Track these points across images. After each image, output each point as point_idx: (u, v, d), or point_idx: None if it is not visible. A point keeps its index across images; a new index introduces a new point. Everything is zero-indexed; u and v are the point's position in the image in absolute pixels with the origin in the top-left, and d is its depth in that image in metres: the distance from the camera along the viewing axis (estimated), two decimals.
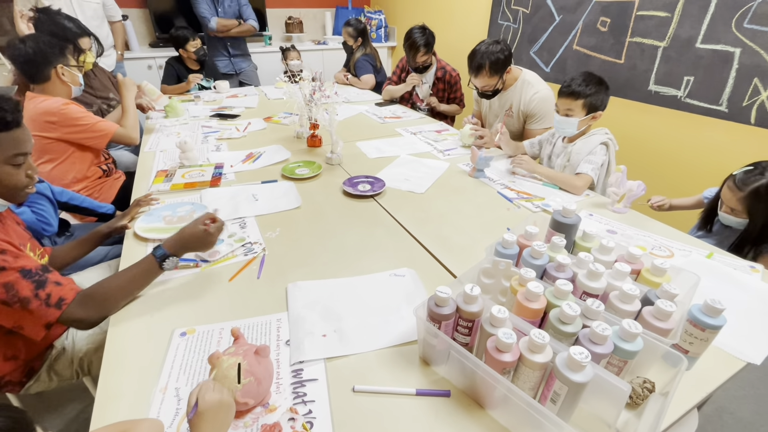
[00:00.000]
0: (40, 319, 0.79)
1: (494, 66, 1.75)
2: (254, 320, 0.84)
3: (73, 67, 1.58)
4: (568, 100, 1.45)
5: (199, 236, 0.91)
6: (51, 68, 1.50)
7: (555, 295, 0.70)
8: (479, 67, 1.77)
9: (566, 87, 1.45)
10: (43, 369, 0.98)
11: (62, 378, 1.00)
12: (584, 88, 1.41)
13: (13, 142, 0.81)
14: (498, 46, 1.75)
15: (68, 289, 0.81)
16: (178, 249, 0.90)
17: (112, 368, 0.73)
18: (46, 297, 0.77)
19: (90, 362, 1.01)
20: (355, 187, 1.41)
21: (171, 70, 2.83)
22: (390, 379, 0.72)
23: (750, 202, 1.19)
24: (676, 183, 2.12)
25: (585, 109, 1.44)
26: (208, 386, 0.58)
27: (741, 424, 1.48)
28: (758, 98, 1.74)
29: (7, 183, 0.83)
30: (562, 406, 0.58)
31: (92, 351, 1.01)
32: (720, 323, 0.68)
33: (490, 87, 1.83)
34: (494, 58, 1.74)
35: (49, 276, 0.80)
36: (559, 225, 0.93)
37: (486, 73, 1.77)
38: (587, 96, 1.41)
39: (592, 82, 1.42)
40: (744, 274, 1.01)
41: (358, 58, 3.00)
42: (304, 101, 1.74)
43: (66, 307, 0.79)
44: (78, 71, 1.61)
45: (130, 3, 3.56)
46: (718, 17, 1.80)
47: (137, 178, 1.52)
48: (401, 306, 0.88)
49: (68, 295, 0.80)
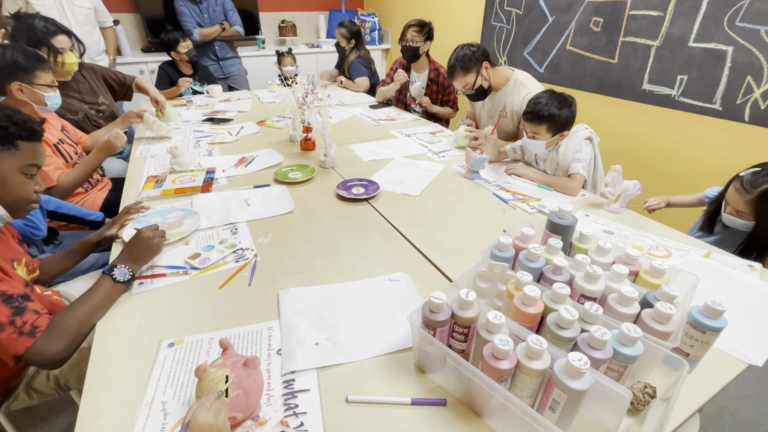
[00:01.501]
0: (9, 347, 0.74)
1: (465, 65, 1.78)
2: (245, 329, 0.82)
3: (41, 86, 1.44)
4: (532, 124, 1.48)
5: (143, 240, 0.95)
6: (6, 83, 1.38)
7: (552, 299, 0.68)
8: (452, 70, 1.82)
9: (529, 112, 1.48)
10: (21, 388, 0.95)
11: (43, 395, 0.97)
12: (547, 112, 1.42)
13: (32, 152, 0.85)
14: (466, 47, 1.79)
15: (44, 317, 0.78)
16: (126, 261, 0.91)
17: (96, 382, 0.70)
18: (22, 325, 0.74)
19: (66, 380, 0.98)
20: (349, 190, 1.39)
21: (164, 74, 2.81)
22: (385, 388, 0.70)
23: (759, 205, 1.17)
24: (671, 182, 2.12)
25: (550, 132, 1.47)
26: (203, 406, 0.55)
27: (742, 424, 1.46)
28: (751, 96, 1.74)
29: (18, 193, 0.84)
30: (561, 414, 0.57)
31: (67, 370, 0.97)
32: (721, 325, 0.66)
33: (470, 86, 1.83)
34: (463, 57, 1.78)
35: (28, 305, 0.77)
36: (555, 226, 0.91)
37: (459, 73, 1.80)
38: (551, 120, 1.43)
39: (554, 105, 1.43)
40: (743, 273, 1.00)
41: (352, 61, 2.99)
42: (296, 104, 1.73)
43: (40, 334, 0.76)
44: (49, 90, 1.47)
45: (121, 8, 3.54)
46: (710, 16, 1.81)
47: (127, 184, 1.49)
48: (396, 312, 0.86)
49: (41, 323, 0.77)
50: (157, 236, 0.97)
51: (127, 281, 0.89)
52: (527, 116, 1.49)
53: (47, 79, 1.47)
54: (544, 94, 1.48)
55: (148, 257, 0.96)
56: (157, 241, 0.96)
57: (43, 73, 1.45)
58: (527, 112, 1.48)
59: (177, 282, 0.96)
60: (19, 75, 1.40)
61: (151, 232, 0.97)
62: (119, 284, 0.88)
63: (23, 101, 1.44)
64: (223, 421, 0.56)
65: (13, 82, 1.39)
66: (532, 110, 1.46)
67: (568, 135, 1.50)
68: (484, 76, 1.82)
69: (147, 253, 0.95)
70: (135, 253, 0.94)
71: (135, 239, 0.95)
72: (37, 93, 1.45)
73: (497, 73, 1.88)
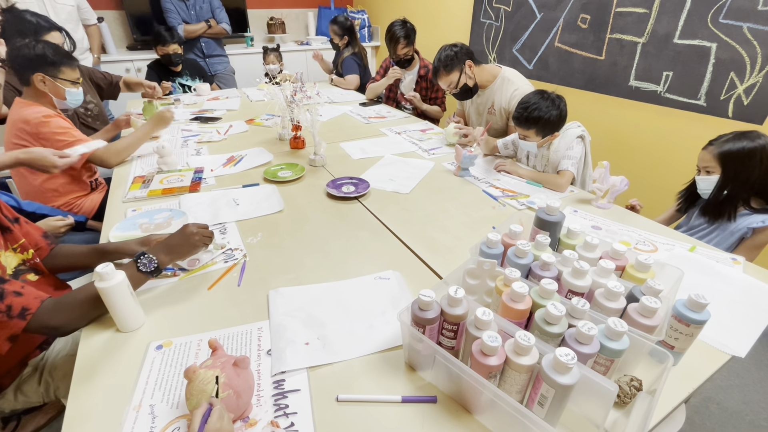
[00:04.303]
0: (1, 331, 0.73)
1: (447, 65, 1.80)
2: (234, 330, 0.81)
3: (63, 81, 1.50)
4: (521, 128, 1.50)
5: (185, 235, 0.90)
6: (30, 73, 1.44)
7: (540, 295, 0.69)
8: (436, 71, 1.86)
9: (517, 117, 1.49)
10: (11, 388, 0.93)
11: (29, 400, 0.95)
12: (535, 116, 1.43)
13: None
14: (449, 48, 1.82)
15: (31, 299, 0.75)
16: (158, 252, 0.87)
17: (83, 385, 0.69)
18: (7, 309, 0.72)
19: (57, 388, 0.96)
20: (339, 188, 1.39)
21: (152, 74, 2.77)
22: (375, 386, 0.70)
23: (723, 155, 1.22)
24: (657, 177, 2.15)
25: (540, 135, 1.48)
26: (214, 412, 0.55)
27: (727, 414, 1.50)
28: (735, 92, 1.77)
29: None
30: (549, 409, 0.57)
31: (60, 377, 0.95)
32: (704, 318, 0.68)
33: (453, 84, 1.85)
34: (445, 58, 1.80)
35: (5, 287, 0.74)
36: (543, 223, 0.92)
37: (443, 73, 1.83)
38: (538, 124, 1.44)
39: (542, 108, 1.43)
40: (726, 266, 1.02)
41: (345, 58, 2.97)
42: (285, 102, 1.71)
43: (31, 316, 0.74)
44: (71, 86, 1.53)
45: (105, 5, 3.46)
46: (694, 13, 1.83)
47: (113, 185, 1.47)
48: (386, 310, 0.86)
49: (32, 304, 0.75)
50: (201, 234, 0.93)
51: (151, 272, 0.85)
52: (516, 121, 1.50)
53: (72, 76, 1.53)
54: (533, 97, 1.48)
55: (183, 253, 0.91)
56: (198, 239, 0.92)
57: (68, 69, 1.51)
58: (515, 117, 1.49)
59: (165, 283, 0.95)
60: (45, 67, 1.45)
61: (195, 228, 0.92)
62: (141, 274, 0.84)
63: (43, 92, 1.49)
64: (229, 425, 0.56)
65: (37, 73, 1.44)
66: (520, 115, 1.47)
67: (559, 135, 1.51)
68: (468, 75, 1.83)
69: (183, 249, 0.91)
70: (171, 245, 0.90)
71: (178, 232, 0.92)
72: (59, 87, 1.50)
73: (483, 71, 1.89)
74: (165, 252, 0.88)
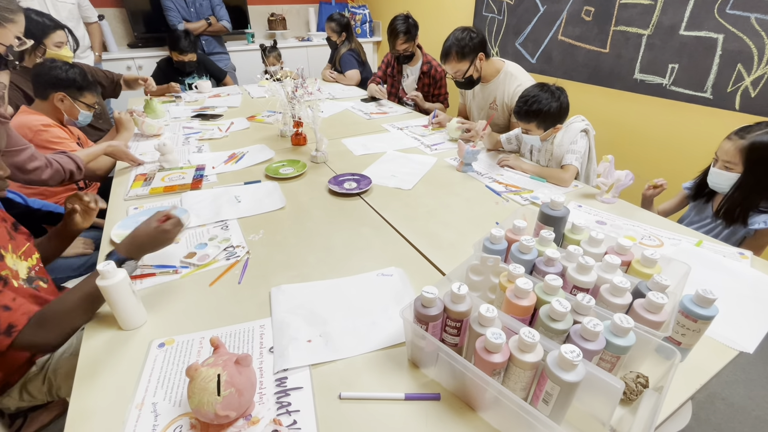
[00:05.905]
0: None
1: (461, 50, 1.73)
2: (236, 327, 0.81)
3: (81, 104, 1.59)
4: (522, 122, 1.48)
5: (151, 234, 0.86)
6: (53, 91, 1.51)
7: (545, 291, 0.68)
8: (447, 52, 1.76)
9: (517, 111, 1.47)
10: (16, 386, 0.93)
11: (34, 399, 0.96)
12: (535, 109, 1.41)
13: None
14: (466, 32, 1.74)
15: (19, 314, 0.74)
16: (132, 251, 0.85)
17: (85, 384, 0.69)
18: None
19: (59, 387, 0.96)
20: (341, 185, 1.38)
21: (159, 72, 2.79)
22: (378, 383, 0.69)
23: (749, 153, 1.12)
24: (662, 172, 2.13)
25: (541, 128, 1.46)
26: None
27: (733, 409, 1.48)
28: (742, 84, 1.75)
29: None
30: (554, 407, 0.57)
31: (62, 377, 0.95)
32: (712, 313, 0.67)
33: (461, 73, 1.79)
34: (461, 43, 1.72)
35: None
36: (547, 218, 0.91)
37: (454, 57, 1.75)
38: (539, 117, 1.43)
39: (542, 101, 1.41)
40: (733, 261, 1.01)
41: (342, 54, 2.96)
42: (286, 99, 1.70)
43: (17, 334, 0.73)
44: (87, 109, 1.61)
45: (105, 2, 3.46)
46: (701, 4, 1.80)
47: (115, 183, 1.47)
48: (389, 307, 0.85)
49: (19, 320, 0.74)
50: (172, 228, 0.87)
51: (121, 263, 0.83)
52: (516, 115, 1.48)
53: (91, 101, 1.63)
54: (532, 90, 1.46)
55: (154, 248, 0.88)
56: (166, 236, 0.87)
57: (90, 94, 1.62)
58: (516, 111, 1.48)
59: (167, 281, 0.94)
60: (71, 90, 1.55)
61: (167, 224, 0.87)
62: None
63: (57, 108, 1.56)
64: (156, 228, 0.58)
65: (60, 92, 1.52)
66: (520, 109, 1.46)
67: (562, 128, 1.49)
68: (476, 67, 1.80)
69: (154, 245, 0.88)
70: (142, 243, 0.86)
71: (147, 229, 0.87)
72: (75, 108, 1.59)
73: (488, 65, 1.86)
74: (138, 250, 0.86)
